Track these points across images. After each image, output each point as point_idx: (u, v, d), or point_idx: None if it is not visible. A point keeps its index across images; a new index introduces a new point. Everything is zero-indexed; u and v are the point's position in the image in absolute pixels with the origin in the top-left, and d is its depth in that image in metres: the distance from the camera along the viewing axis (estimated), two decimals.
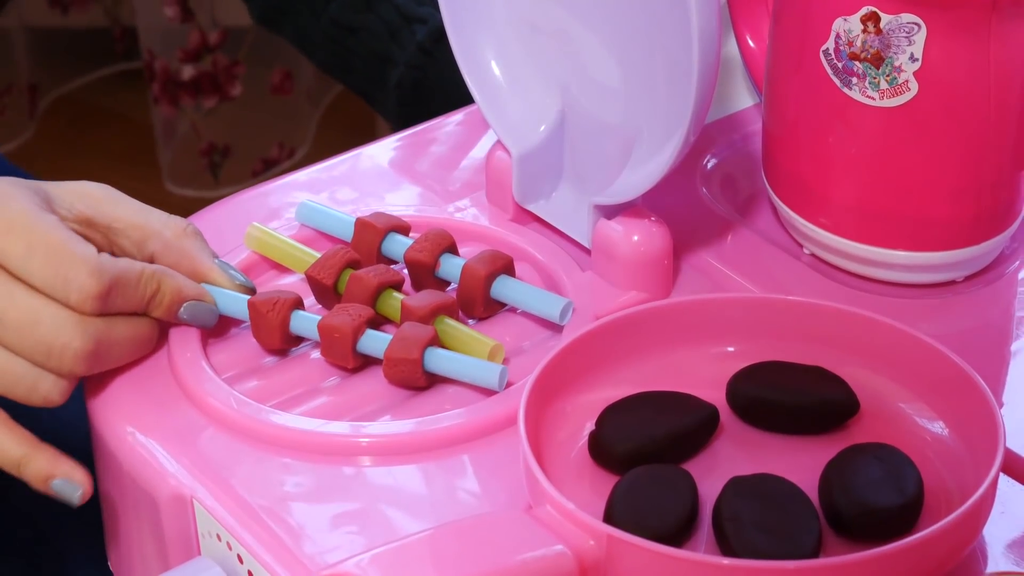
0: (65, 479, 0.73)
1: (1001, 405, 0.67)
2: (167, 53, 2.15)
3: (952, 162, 0.76)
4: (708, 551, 0.64)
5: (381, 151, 0.90)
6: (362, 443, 0.70)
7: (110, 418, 0.74)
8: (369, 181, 0.88)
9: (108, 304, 0.71)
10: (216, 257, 0.77)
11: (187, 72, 2.15)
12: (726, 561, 0.60)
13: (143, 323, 0.74)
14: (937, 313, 0.79)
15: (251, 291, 0.76)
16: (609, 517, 0.63)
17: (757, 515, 0.63)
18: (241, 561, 0.67)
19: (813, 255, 0.81)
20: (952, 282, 0.80)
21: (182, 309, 0.74)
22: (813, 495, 0.65)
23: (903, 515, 0.63)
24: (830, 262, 0.81)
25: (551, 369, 0.68)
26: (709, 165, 0.87)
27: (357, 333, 0.74)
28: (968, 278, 0.80)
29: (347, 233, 0.80)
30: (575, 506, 0.61)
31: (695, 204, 0.85)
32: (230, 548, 0.68)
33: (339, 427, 0.71)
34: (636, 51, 0.76)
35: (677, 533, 0.63)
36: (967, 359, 0.75)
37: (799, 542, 0.62)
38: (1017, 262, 0.81)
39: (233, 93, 2.17)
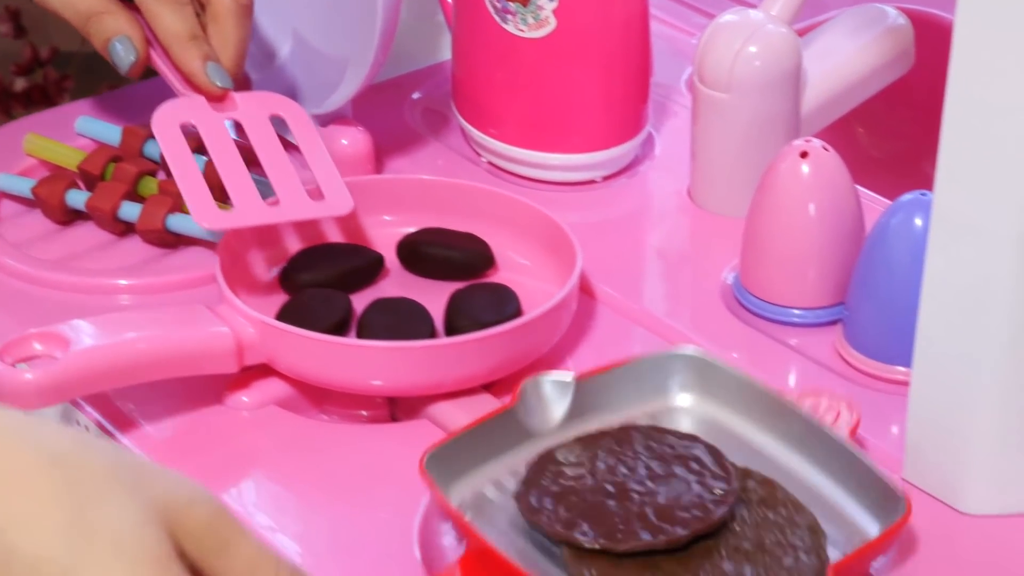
0: (125, 38, 0.81)
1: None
2: (1, 67, 2.33)
3: (587, 82, 0.98)
4: None
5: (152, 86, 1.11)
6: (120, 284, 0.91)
7: None
8: (144, 109, 1.08)
9: None
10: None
11: (19, 84, 2.34)
12: (318, 336, 0.80)
13: None
14: (583, 205, 1.01)
15: None
16: (277, 318, 0.84)
17: (387, 322, 0.84)
18: None
19: (489, 163, 1.03)
20: (593, 181, 1.02)
21: None
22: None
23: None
24: (502, 167, 1.02)
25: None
26: (415, 97, 1.09)
27: (115, 208, 0.94)
28: (606, 178, 1.02)
29: (117, 141, 1.00)
30: (241, 302, 0.82)
31: (402, 127, 1.06)
32: None
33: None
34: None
35: (327, 333, 0.83)
36: (605, 240, 0.98)
37: (409, 339, 0.82)
38: (646, 165, 1.03)
39: (62, 104, 2.36)
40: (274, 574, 0.60)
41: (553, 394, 0.79)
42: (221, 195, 0.89)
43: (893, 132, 1.18)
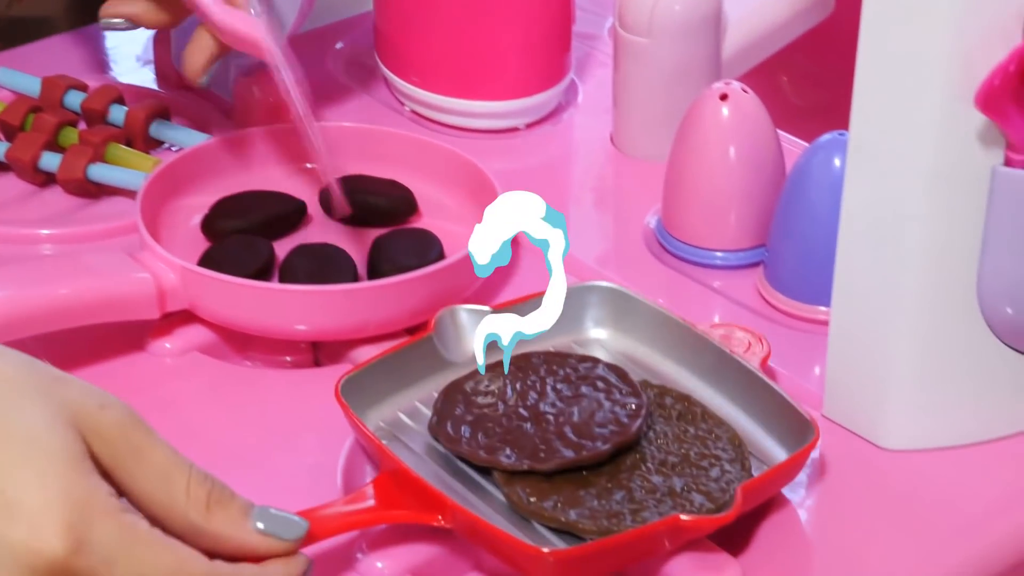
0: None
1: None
2: None
3: (508, 29, 0.99)
4: None
5: (78, 39, 1.10)
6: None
7: None
8: (63, 61, 1.07)
9: None
10: (252, 508, 0.63)
11: None
12: (240, 281, 0.81)
13: None
14: (507, 152, 1.01)
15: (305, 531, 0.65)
16: (199, 264, 0.84)
17: (309, 267, 0.84)
18: None
19: (413, 112, 1.03)
20: (517, 128, 1.02)
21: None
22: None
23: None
24: (426, 116, 1.02)
25: (166, 171, 0.89)
26: (339, 47, 1.09)
27: (35, 158, 0.93)
28: (530, 125, 1.02)
29: (37, 91, 1.00)
30: (163, 249, 0.82)
31: (326, 77, 1.06)
32: None
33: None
34: None
35: (250, 279, 0.83)
36: (529, 186, 0.97)
37: (332, 283, 0.82)
38: (569, 112, 1.04)
39: None
40: (186, 479, 0.62)
41: (469, 323, 0.79)
42: None
43: (816, 80, 1.19)
